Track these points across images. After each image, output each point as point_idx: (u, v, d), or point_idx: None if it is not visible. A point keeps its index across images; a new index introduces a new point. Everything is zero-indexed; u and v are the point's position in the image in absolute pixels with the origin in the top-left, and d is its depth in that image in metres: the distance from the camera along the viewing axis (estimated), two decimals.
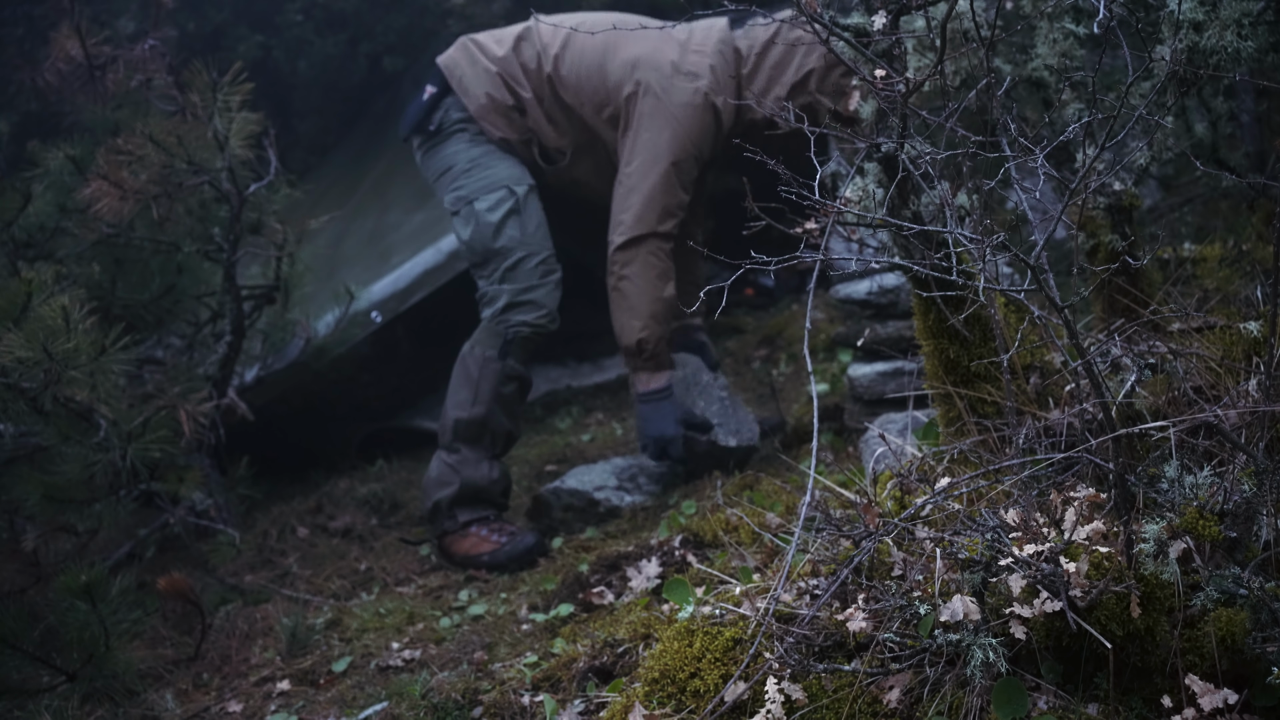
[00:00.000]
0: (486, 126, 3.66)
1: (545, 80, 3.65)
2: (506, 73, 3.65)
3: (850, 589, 2.14)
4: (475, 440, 3.60)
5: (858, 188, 2.35)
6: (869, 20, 2.16)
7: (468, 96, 3.65)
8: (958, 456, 2.36)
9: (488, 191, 3.59)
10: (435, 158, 3.70)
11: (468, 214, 3.61)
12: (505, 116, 3.67)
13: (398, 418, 5.56)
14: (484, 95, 3.64)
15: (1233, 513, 1.91)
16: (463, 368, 3.64)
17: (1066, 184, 2.01)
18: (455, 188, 3.64)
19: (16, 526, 3.54)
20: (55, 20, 4.21)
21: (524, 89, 3.65)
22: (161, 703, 3.05)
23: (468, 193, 3.61)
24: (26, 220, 3.87)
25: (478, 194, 3.60)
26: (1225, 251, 2.96)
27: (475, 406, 3.57)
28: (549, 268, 3.62)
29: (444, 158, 3.68)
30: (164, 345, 4.37)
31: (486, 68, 3.65)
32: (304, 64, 7.16)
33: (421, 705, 2.66)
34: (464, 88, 3.66)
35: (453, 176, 3.66)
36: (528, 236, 3.59)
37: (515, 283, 3.58)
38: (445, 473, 3.60)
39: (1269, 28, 2.33)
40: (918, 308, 2.52)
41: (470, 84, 3.66)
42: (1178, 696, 1.82)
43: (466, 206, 3.61)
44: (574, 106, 3.67)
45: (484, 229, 3.57)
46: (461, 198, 3.62)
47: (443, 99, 3.69)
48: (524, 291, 3.59)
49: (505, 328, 3.58)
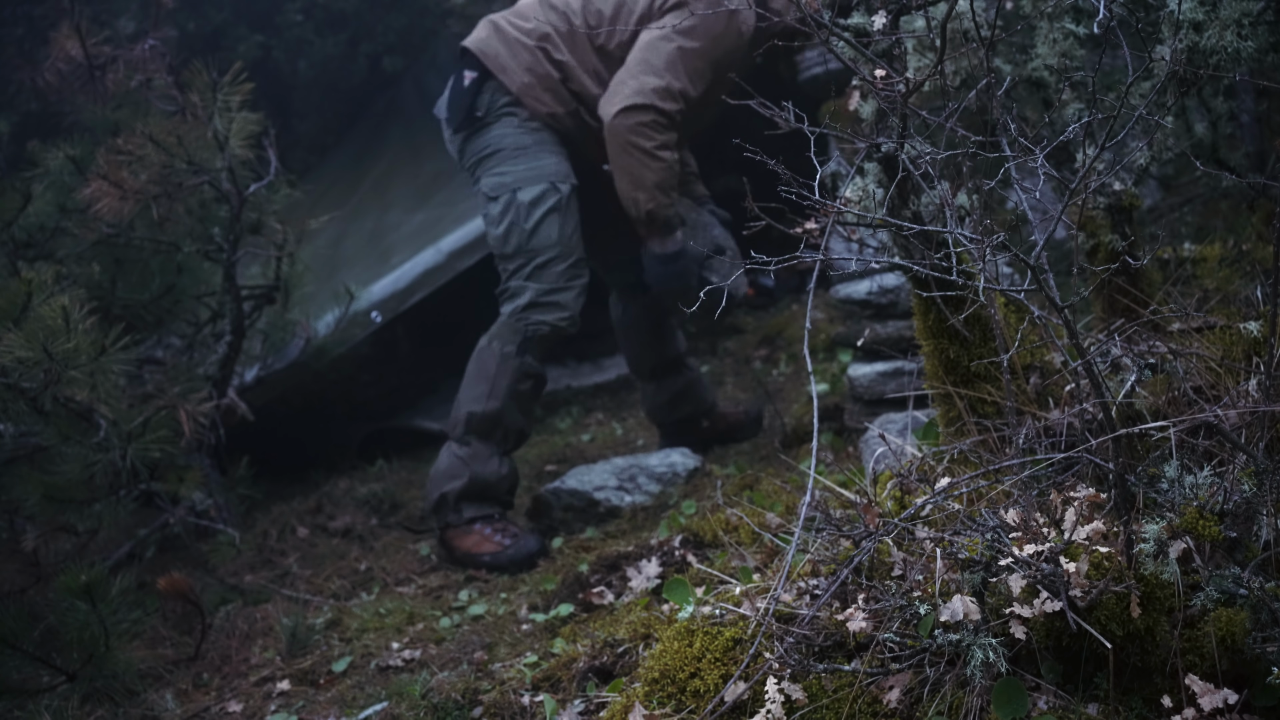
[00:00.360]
0: (532, 103, 3.58)
1: (579, 37, 3.58)
2: (542, 43, 3.56)
3: (850, 589, 2.14)
4: (487, 435, 3.55)
5: (858, 188, 2.35)
6: (869, 20, 2.16)
7: (508, 75, 3.57)
8: (958, 456, 2.36)
9: (533, 183, 3.51)
10: (479, 140, 3.60)
11: (508, 201, 3.51)
12: (550, 90, 3.59)
13: (398, 418, 5.56)
14: (525, 72, 3.57)
15: (1233, 513, 1.91)
16: (479, 362, 3.58)
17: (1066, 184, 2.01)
18: (499, 172, 3.54)
19: (16, 526, 3.54)
20: (55, 20, 4.21)
21: (561, 52, 3.57)
22: (161, 703, 3.05)
23: (512, 180, 3.52)
24: (26, 220, 3.87)
25: (523, 183, 3.52)
26: (1225, 251, 2.96)
27: (490, 401, 3.52)
28: (577, 272, 3.56)
29: (489, 140, 3.58)
30: (164, 345, 4.37)
31: (522, 42, 3.57)
32: (304, 64, 7.16)
33: (421, 705, 2.66)
34: (503, 67, 3.58)
35: (498, 160, 3.56)
36: (564, 238, 3.53)
37: (542, 282, 3.52)
38: (455, 465, 3.54)
39: (1269, 28, 2.33)
40: (918, 308, 2.52)
41: (509, 63, 3.58)
42: (1178, 696, 1.81)
43: (509, 194, 3.51)
44: (612, 51, 3.58)
45: (523, 220, 3.50)
46: (504, 184, 3.53)
47: (484, 83, 3.60)
48: (549, 292, 3.53)
49: (526, 325, 3.52)
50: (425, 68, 7.12)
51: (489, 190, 3.56)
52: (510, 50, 3.58)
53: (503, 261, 3.58)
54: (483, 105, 3.59)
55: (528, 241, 3.50)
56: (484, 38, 3.63)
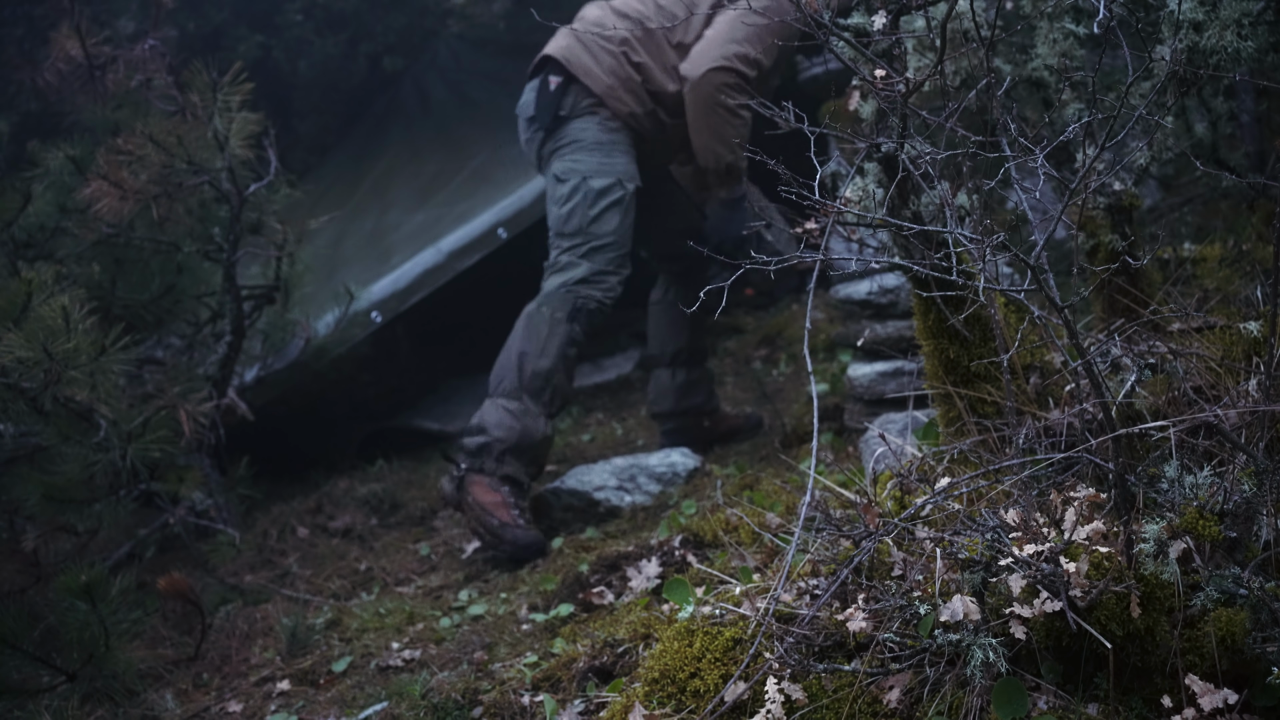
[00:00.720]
0: (614, 104, 3.82)
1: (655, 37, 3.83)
2: (622, 47, 3.82)
3: (850, 589, 2.14)
4: (538, 393, 3.62)
5: (858, 188, 2.35)
6: (869, 20, 2.16)
7: (592, 79, 3.81)
8: (958, 456, 2.36)
9: (604, 175, 3.77)
10: (561, 132, 3.84)
11: (577, 185, 3.75)
12: (631, 92, 3.83)
13: (398, 418, 5.56)
14: (608, 75, 3.82)
15: (1233, 513, 1.91)
16: (529, 324, 3.68)
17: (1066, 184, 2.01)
18: (574, 159, 3.79)
19: (16, 526, 3.54)
20: (55, 20, 4.21)
21: (639, 54, 3.83)
22: (161, 703, 3.05)
23: (585, 168, 3.77)
24: (26, 220, 3.87)
25: (594, 173, 3.76)
26: (1225, 251, 2.96)
27: (542, 359, 3.62)
28: (624, 263, 3.79)
29: (571, 132, 3.83)
30: (164, 345, 4.37)
31: (604, 47, 3.82)
32: (304, 64, 7.17)
33: (421, 705, 2.66)
34: (587, 71, 3.82)
35: (575, 149, 3.80)
36: (621, 230, 3.77)
37: (595, 262, 3.73)
38: (505, 418, 3.56)
39: (1269, 28, 2.33)
40: (918, 308, 2.52)
41: (593, 67, 3.82)
42: (1178, 696, 1.82)
43: (579, 179, 3.76)
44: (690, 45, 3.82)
45: (588, 205, 3.73)
46: (577, 169, 3.77)
47: (569, 87, 3.84)
48: (600, 273, 3.73)
49: (576, 297, 3.70)
50: (425, 68, 7.12)
51: (560, 173, 3.80)
52: (593, 55, 3.83)
53: (559, 239, 3.79)
54: (567, 106, 3.84)
55: (589, 225, 3.74)
56: (566, 45, 3.87)
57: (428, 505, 4.32)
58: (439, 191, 5.73)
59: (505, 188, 5.19)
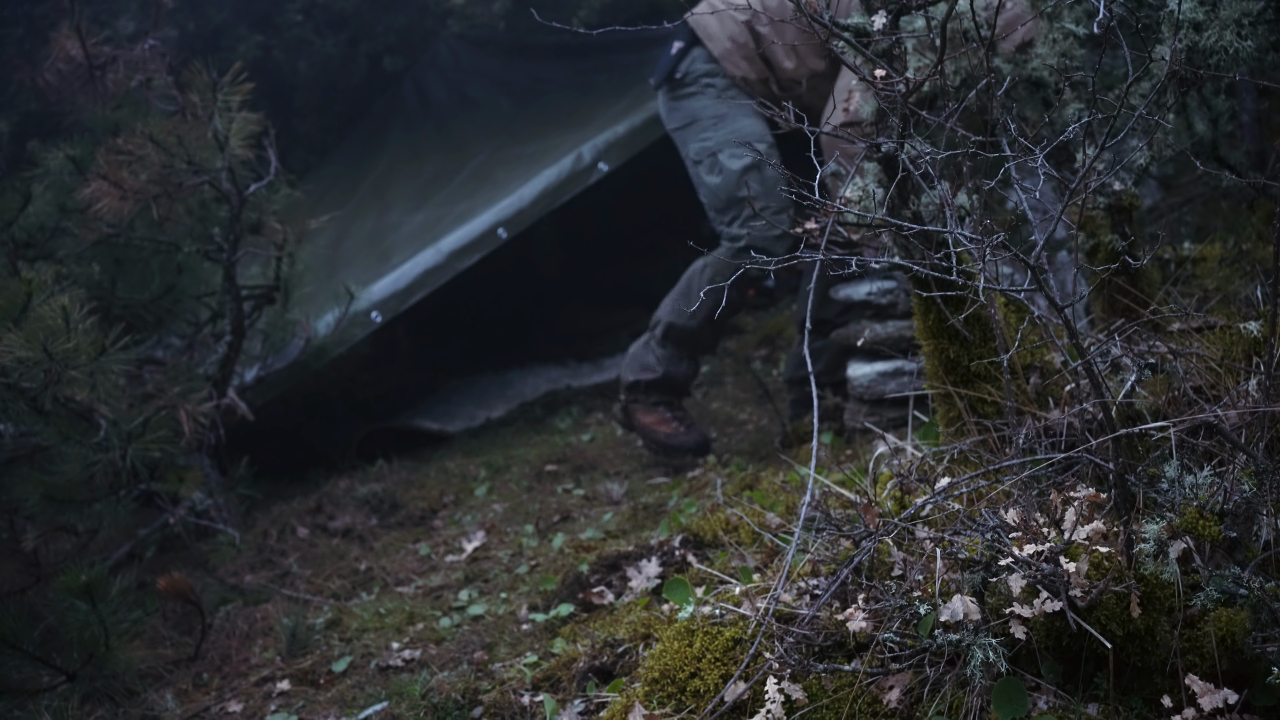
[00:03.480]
0: (729, 67, 3.93)
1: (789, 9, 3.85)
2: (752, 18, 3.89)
3: (850, 589, 2.14)
4: (682, 344, 4.07)
5: (858, 188, 2.35)
6: (869, 20, 2.16)
7: (713, 41, 3.93)
8: (958, 456, 2.36)
9: (732, 146, 3.89)
10: (682, 108, 3.99)
11: (712, 163, 3.92)
12: (747, 58, 3.92)
13: (398, 418, 5.56)
14: (727, 39, 3.92)
15: (1233, 513, 1.91)
16: (690, 283, 4.02)
17: (1066, 184, 2.01)
18: (702, 139, 3.93)
19: (16, 526, 3.54)
20: (55, 20, 4.21)
21: (763, 25, 3.90)
22: (161, 703, 3.05)
23: (714, 144, 3.91)
24: (26, 220, 3.87)
25: (723, 146, 3.89)
26: (1225, 251, 2.96)
27: (691, 319, 4.00)
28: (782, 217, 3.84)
29: (691, 110, 3.97)
30: (164, 345, 4.37)
31: (732, 15, 3.91)
32: (304, 64, 7.16)
33: (421, 705, 2.66)
34: (709, 34, 3.94)
35: (700, 128, 3.94)
36: (767, 189, 3.86)
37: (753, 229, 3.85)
38: (651, 361, 4.07)
39: (1269, 27, 2.33)
40: (918, 308, 2.52)
41: (715, 31, 3.94)
42: (1178, 696, 1.81)
43: (711, 158, 3.92)
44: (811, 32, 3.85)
45: (729, 178, 3.88)
46: (707, 149, 3.93)
47: (689, 51, 3.97)
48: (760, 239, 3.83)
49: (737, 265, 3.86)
50: (425, 68, 7.12)
51: (694, 155, 3.98)
52: (720, 21, 3.94)
53: (717, 214, 3.97)
54: (683, 69, 3.97)
55: (736, 194, 3.88)
56: (700, 12, 4.00)
57: (428, 505, 4.32)
58: (439, 191, 5.73)
59: (505, 188, 5.19)
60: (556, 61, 6.49)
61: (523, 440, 5.03)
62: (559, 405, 5.44)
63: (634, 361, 4.12)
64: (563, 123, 5.66)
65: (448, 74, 7.01)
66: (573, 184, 5.05)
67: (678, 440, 4.05)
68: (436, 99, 6.93)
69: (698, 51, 3.97)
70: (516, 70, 6.72)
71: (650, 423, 4.09)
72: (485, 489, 4.40)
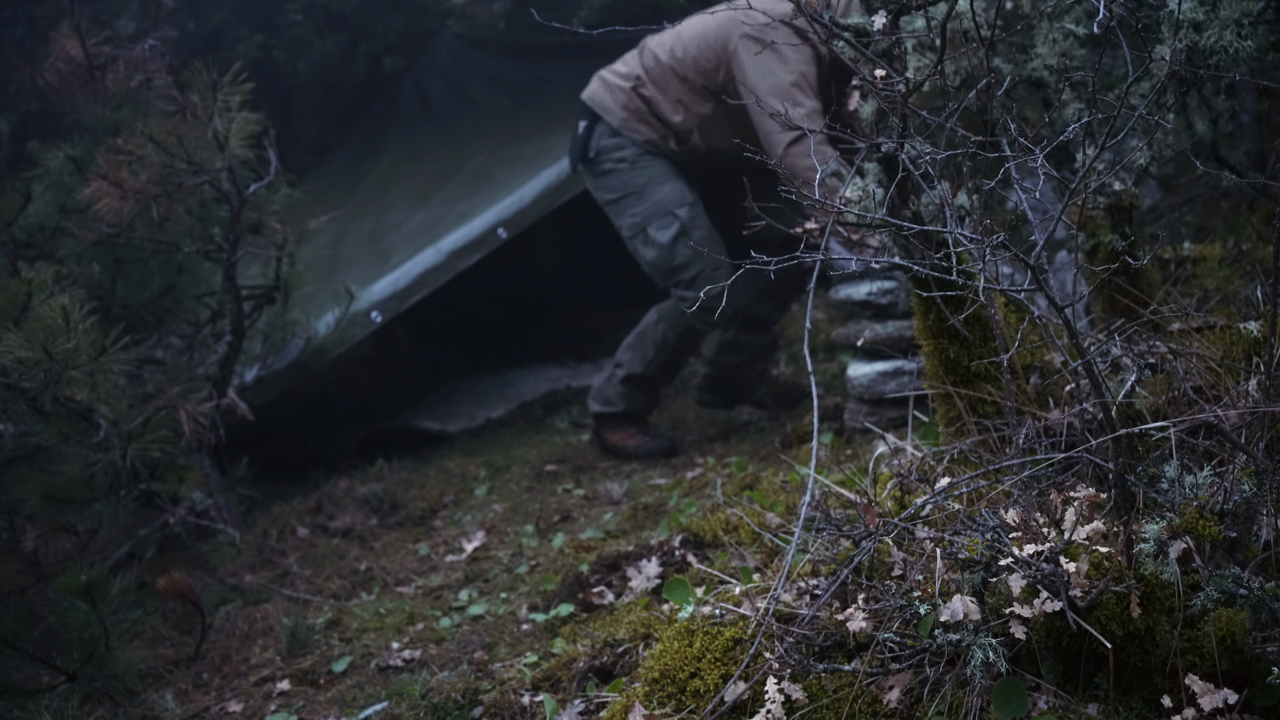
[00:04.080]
0: (629, 134, 4.15)
1: (667, 70, 4.10)
2: (636, 85, 4.15)
3: (850, 589, 2.14)
4: (639, 385, 4.43)
5: (858, 188, 2.35)
6: (869, 20, 2.16)
7: (610, 114, 4.17)
8: (958, 456, 2.36)
9: (657, 216, 4.12)
10: (604, 185, 4.22)
11: (644, 238, 4.14)
12: (643, 121, 4.15)
13: (398, 418, 5.56)
14: (621, 109, 4.16)
15: (1233, 513, 1.91)
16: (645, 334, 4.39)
17: (1066, 184, 2.01)
18: (630, 215, 4.16)
19: (16, 526, 3.53)
20: (55, 20, 4.20)
21: (647, 87, 4.14)
22: (161, 703, 3.05)
23: (641, 219, 4.14)
24: (26, 220, 3.87)
25: (650, 219, 4.12)
26: (1225, 251, 2.96)
27: (648, 368, 4.38)
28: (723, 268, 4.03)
29: (611, 186, 4.20)
30: (164, 345, 4.36)
31: (619, 86, 4.17)
32: (304, 64, 7.16)
33: (421, 705, 2.66)
34: (605, 108, 4.18)
35: (625, 205, 4.17)
36: (703, 243, 4.08)
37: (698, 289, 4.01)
38: (613, 396, 4.43)
39: (1269, 27, 2.33)
40: (918, 308, 2.52)
41: (609, 104, 4.19)
42: (1178, 696, 1.81)
43: (641, 233, 4.14)
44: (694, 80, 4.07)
45: (662, 251, 4.11)
46: (637, 224, 4.15)
47: (594, 128, 4.21)
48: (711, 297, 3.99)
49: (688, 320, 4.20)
50: (425, 68, 7.12)
51: (627, 231, 4.20)
52: (611, 94, 4.20)
53: (662, 281, 4.20)
54: (594, 147, 4.21)
55: (673, 262, 4.10)
56: (593, 90, 4.26)
57: (428, 505, 4.32)
58: (439, 191, 5.73)
59: (505, 188, 5.19)
60: (556, 61, 6.48)
61: (523, 440, 5.03)
62: (559, 405, 5.44)
63: (599, 394, 4.47)
64: (563, 123, 5.65)
65: (448, 74, 7.01)
66: (573, 184, 5.05)
67: (645, 449, 4.40)
68: (436, 99, 6.93)
69: (600, 127, 4.19)
70: (516, 70, 6.72)
71: (618, 440, 4.46)
72: (485, 489, 4.40)
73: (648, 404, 4.52)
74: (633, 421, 4.49)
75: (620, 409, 4.45)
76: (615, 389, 4.46)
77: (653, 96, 4.14)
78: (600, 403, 4.49)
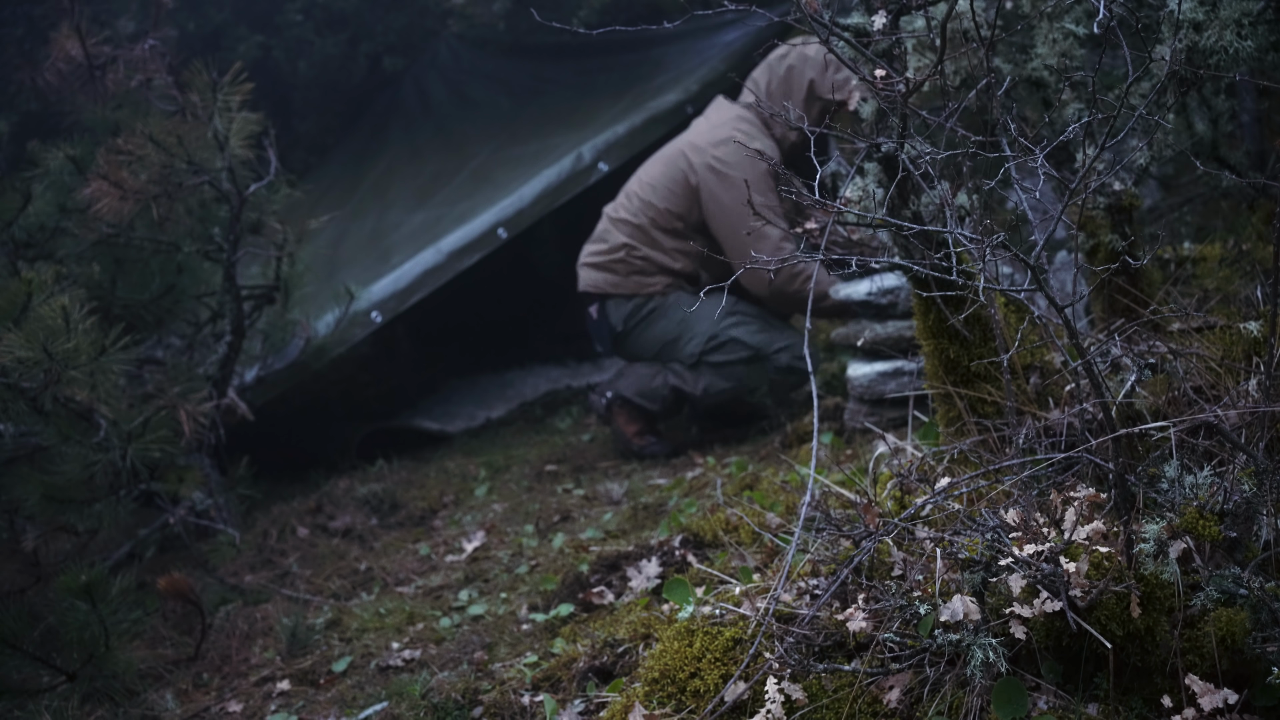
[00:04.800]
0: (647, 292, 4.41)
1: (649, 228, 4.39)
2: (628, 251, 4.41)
3: (850, 589, 2.14)
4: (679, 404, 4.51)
5: (858, 188, 2.35)
6: (869, 20, 2.16)
7: (618, 287, 4.44)
8: (958, 456, 2.36)
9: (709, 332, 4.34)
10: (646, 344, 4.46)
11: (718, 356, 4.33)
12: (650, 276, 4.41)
13: (398, 418, 5.56)
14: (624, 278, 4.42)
15: (1233, 513, 1.91)
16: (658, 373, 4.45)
17: (1066, 184, 2.01)
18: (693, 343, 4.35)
19: (16, 526, 3.53)
20: (55, 20, 4.20)
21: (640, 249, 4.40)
22: (161, 703, 3.05)
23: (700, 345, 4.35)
24: (26, 220, 3.87)
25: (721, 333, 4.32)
26: (1225, 251, 2.96)
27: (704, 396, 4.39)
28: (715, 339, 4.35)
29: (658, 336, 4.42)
30: (164, 345, 4.36)
31: (612, 260, 4.42)
32: (304, 64, 7.16)
33: (421, 705, 2.66)
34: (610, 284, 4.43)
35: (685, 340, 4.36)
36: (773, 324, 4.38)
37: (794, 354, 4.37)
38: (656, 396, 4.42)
39: (1269, 27, 2.33)
40: (918, 308, 2.52)
41: (600, 282, 4.45)
42: (1178, 696, 1.81)
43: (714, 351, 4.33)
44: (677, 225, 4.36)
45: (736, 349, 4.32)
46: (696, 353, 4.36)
47: (605, 307, 4.47)
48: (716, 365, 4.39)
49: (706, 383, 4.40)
50: (425, 68, 7.12)
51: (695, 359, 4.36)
52: (606, 275, 4.45)
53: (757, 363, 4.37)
54: (617, 322, 4.46)
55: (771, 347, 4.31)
56: (586, 279, 4.50)
57: (428, 505, 4.33)
58: (439, 191, 5.73)
59: (505, 188, 5.19)
60: (556, 61, 6.48)
61: (523, 440, 5.03)
62: (559, 405, 5.44)
63: (644, 387, 4.44)
64: (563, 123, 5.66)
65: (448, 74, 7.01)
66: (573, 184, 5.05)
67: (649, 450, 4.45)
68: (436, 99, 6.93)
69: (612, 303, 4.45)
70: (516, 70, 6.72)
71: (629, 432, 4.47)
72: (485, 489, 4.40)
73: (672, 415, 4.59)
74: (649, 422, 4.52)
75: (653, 409, 4.46)
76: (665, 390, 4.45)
77: (649, 255, 4.41)
78: (633, 390, 4.46)
